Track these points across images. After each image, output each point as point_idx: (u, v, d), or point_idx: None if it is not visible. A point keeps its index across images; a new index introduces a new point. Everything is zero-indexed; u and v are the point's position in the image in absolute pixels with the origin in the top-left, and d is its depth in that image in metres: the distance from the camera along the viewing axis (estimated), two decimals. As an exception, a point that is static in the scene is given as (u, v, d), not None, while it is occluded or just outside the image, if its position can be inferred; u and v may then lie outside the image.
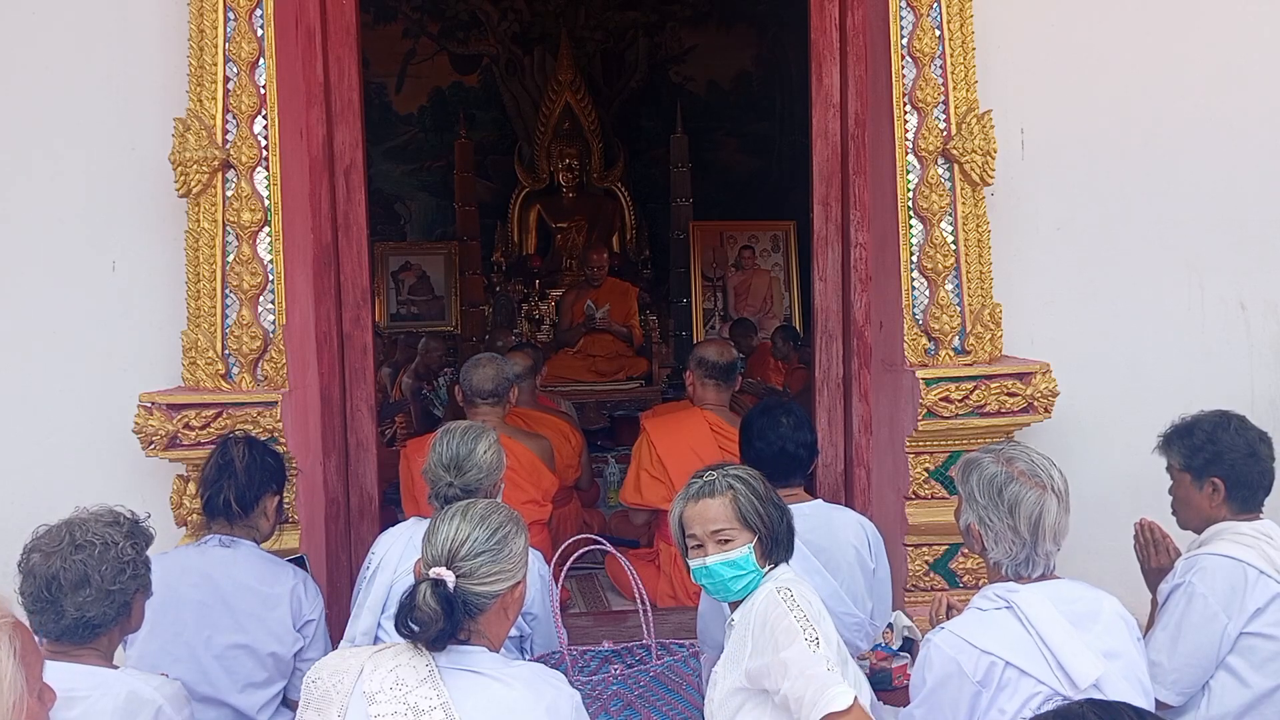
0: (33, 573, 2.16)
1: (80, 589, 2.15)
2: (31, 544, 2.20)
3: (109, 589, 2.17)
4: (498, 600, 2.11)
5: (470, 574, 2.08)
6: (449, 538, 2.12)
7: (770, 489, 2.52)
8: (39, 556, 2.17)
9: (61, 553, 2.16)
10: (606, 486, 5.40)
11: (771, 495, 2.51)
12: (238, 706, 2.78)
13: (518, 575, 2.17)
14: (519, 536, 2.19)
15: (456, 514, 2.18)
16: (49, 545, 2.17)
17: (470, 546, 2.10)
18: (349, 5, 3.62)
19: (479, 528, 2.13)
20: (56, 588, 2.14)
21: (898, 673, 3.05)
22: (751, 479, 2.49)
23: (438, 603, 2.02)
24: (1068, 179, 3.80)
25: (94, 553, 2.17)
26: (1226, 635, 2.59)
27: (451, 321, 8.92)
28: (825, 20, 3.74)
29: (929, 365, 3.43)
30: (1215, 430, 2.77)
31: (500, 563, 2.12)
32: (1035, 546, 2.25)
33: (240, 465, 2.91)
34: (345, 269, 3.66)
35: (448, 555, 2.10)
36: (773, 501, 2.49)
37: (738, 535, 2.42)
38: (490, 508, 2.21)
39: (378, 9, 9.12)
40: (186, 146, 3.23)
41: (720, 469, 2.51)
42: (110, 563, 2.18)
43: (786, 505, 2.55)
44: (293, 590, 2.89)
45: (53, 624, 2.16)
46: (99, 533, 2.20)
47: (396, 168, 9.78)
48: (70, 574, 2.15)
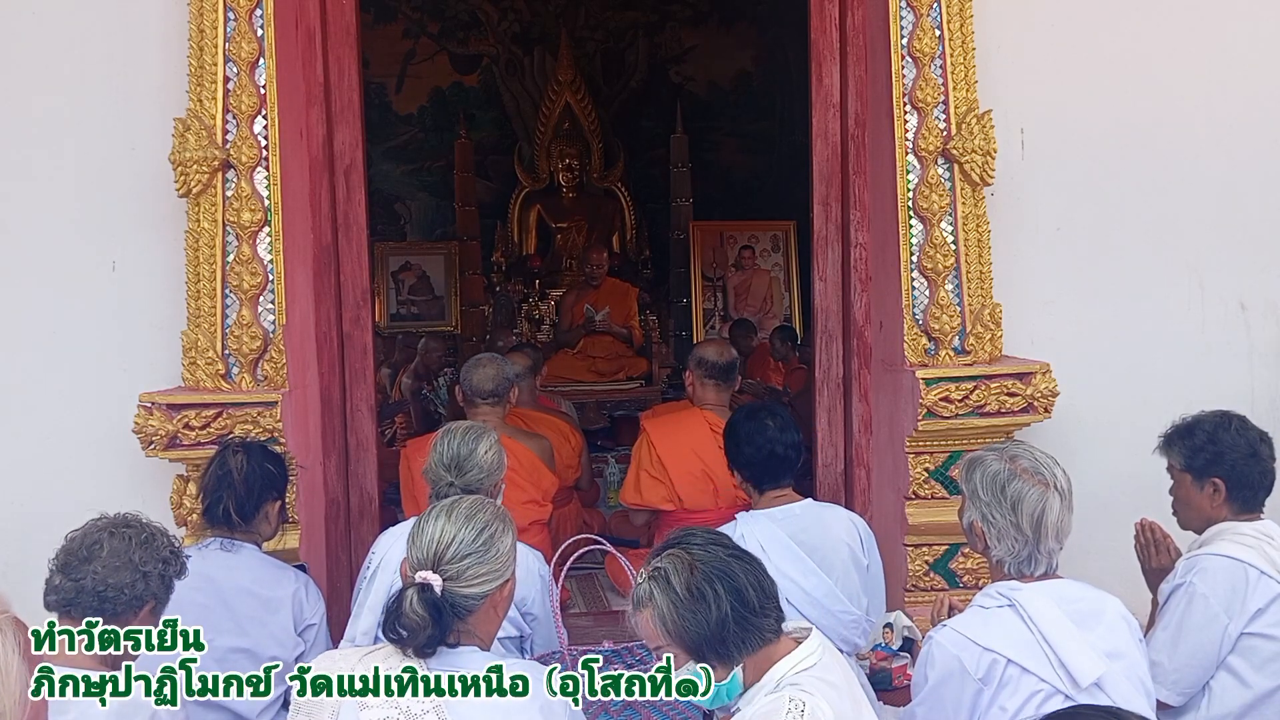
0: (77, 537, 2.24)
1: (114, 556, 2.20)
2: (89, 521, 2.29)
3: (139, 566, 2.22)
4: (487, 600, 2.07)
5: (458, 576, 2.03)
6: (434, 539, 2.05)
7: (707, 564, 1.95)
8: (79, 533, 2.25)
9: (112, 525, 2.26)
10: (606, 486, 5.39)
11: (700, 584, 1.91)
12: (238, 710, 2.78)
13: (506, 573, 2.11)
14: (506, 534, 2.13)
15: (441, 513, 2.10)
16: (101, 521, 2.27)
17: (457, 548, 2.04)
18: (349, 5, 3.62)
19: (465, 527, 2.07)
20: (96, 548, 2.21)
21: (898, 673, 3.06)
22: (674, 572, 1.93)
23: (425, 609, 1.97)
24: (1068, 179, 3.80)
25: (140, 535, 2.26)
26: (1227, 635, 2.59)
27: (451, 321, 8.92)
28: (825, 20, 3.74)
29: (929, 365, 3.43)
30: (1216, 431, 2.77)
31: (488, 562, 2.06)
32: (1038, 544, 2.25)
33: (239, 477, 2.91)
34: (345, 269, 3.66)
35: (434, 557, 2.03)
36: (702, 595, 1.91)
37: (675, 651, 1.96)
38: (476, 505, 2.14)
39: (378, 9, 9.12)
40: (186, 146, 3.23)
41: (646, 565, 2.00)
42: (151, 550, 2.26)
43: (737, 582, 1.93)
44: (294, 594, 2.89)
45: (72, 591, 2.19)
46: (151, 528, 2.31)
47: (396, 168, 9.78)
48: (114, 541, 2.22)
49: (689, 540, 2.00)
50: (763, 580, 1.97)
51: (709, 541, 2.01)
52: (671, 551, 1.98)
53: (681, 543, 2.00)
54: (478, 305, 8.73)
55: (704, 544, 1.99)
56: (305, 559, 3.30)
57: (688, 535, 2.03)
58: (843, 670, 2.04)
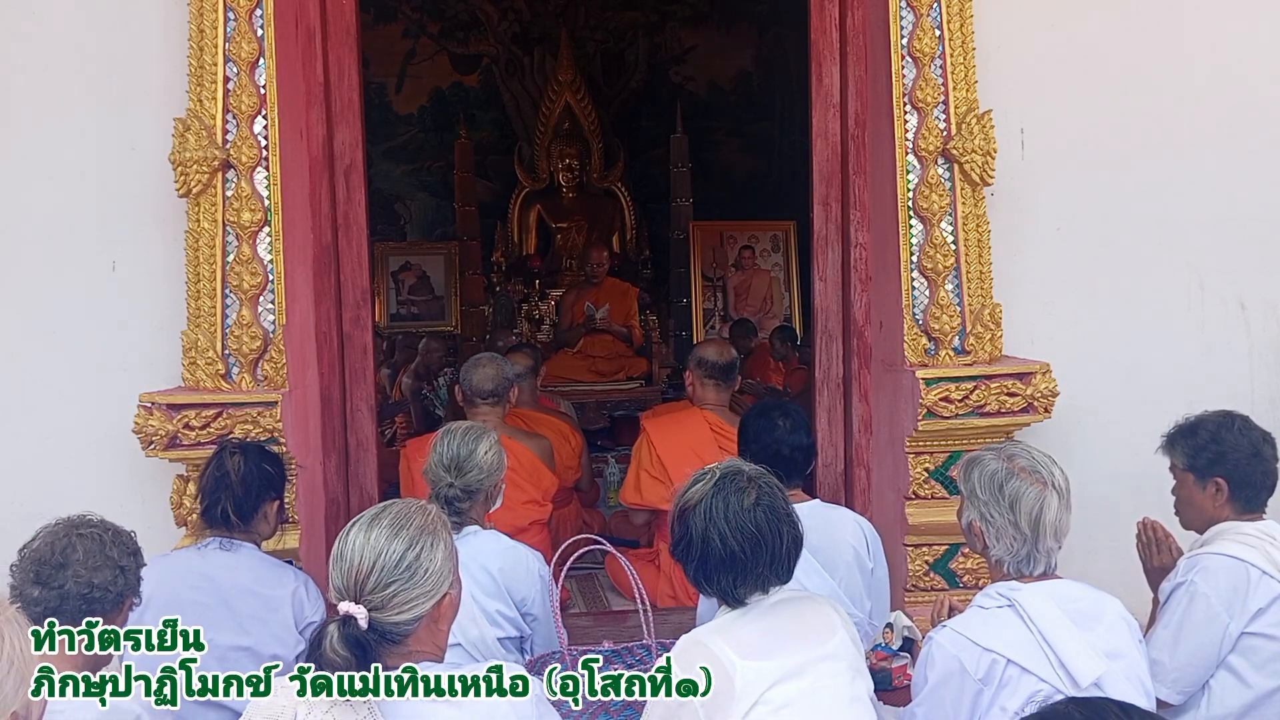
0: (36, 557, 2.22)
1: (87, 558, 2.20)
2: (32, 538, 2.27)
3: (113, 560, 2.23)
4: (423, 620, 1.86)
5: (383, 605, 1.81)
6: (353, 564, 1.82)
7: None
8: (43, 541, 2.24)
9: (66, 532, 2.24)
10: (606, 486, 5.40)
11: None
12: (238, 710, 2.77)
13: (442, 588, 1.88)
14: (437, 546, 1.88)
15: (361, 529, 1.87)
16: (51, 532, 2.26)
17: (379, 576, 1.81)
18: (349, 5, 3.62)
19: (387, 548, 1.83)
20: (63, 560, 2.19)
21: (898, 673, 3.05)
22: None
23: (346, 648, 1.74)
24: (1068, 179, 3.80)
25: (106, 533, 2.26)
26: (1228, 635, 2.59)
27: (451, 321, 8.92)
28: (825, 20, 3.74)
29: (929, 365, 3.43)
30: (1219, 430, 2.76)
31: (418, 585, 1.83)
32: (1036, 543, 2.25)
33: (236, 478, 2.91)
34: (345, 269, 3.66)
35: (356, 586, 1.81)
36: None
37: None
38: (402, 516, 1.89)
39: (378, 9, 9.13)
40: (186, 146, 3.23)
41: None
42: (119, 544, 2.26)
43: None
44: (294, 593, 2.89)
45: (55, 599, 2.18)
46: (107, 524, 2.30)
47: (396, 168, 9.79)
48: (81, 544, 2.22)
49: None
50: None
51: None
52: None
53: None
54: (478, 305, 8.73)
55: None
56: (305, 559, 3.30)
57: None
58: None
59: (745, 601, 2.16)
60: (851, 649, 2.18)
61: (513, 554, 2.93)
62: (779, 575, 2.17)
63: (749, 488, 2.17)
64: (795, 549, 2.18)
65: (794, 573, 2.21)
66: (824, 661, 2.11)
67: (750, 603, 2.16)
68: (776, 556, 2.14)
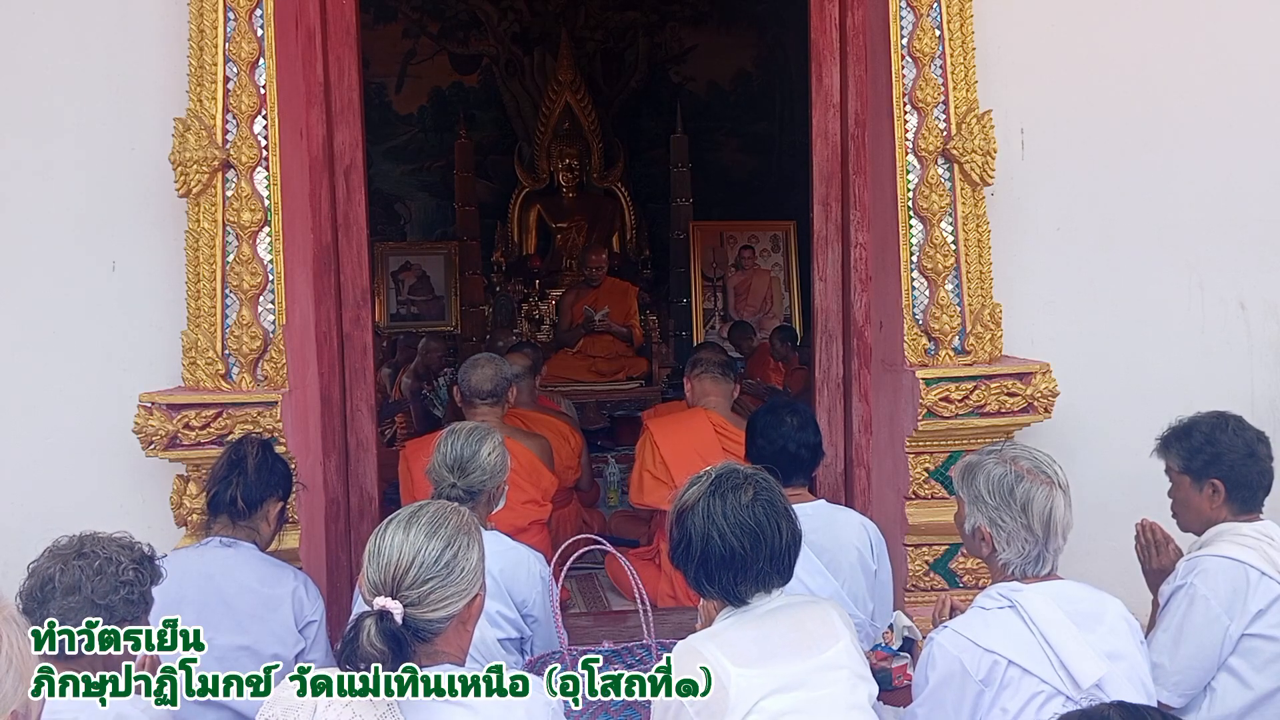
0: (36, 571, 2.19)
1: (69, 595, 2.15)
2: (48, 547, 2.23)
3: (97, 602, 2.17)
4: (454, 620, 1.90)
5: (419, 601, 1.85)
6: (391, 560, 1.87)
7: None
8: (46, 557, 2.21)
9: (65, 557, 2.19)
10: (606, 486, 5.40)
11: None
12: (238, 709, 2.77)
13: (474, 589, 1.93)
14: (472, 548, 1.94)
15: (399, 527, 1.92)
16: (58, 549, 2.21)
17: (418, 572, 1.86)
18: (349, 5, 3.62)
19: (426, 546, 1.88)
20: (50, 590, 2.16)
21: (898, 673, 3.05)
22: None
23: (384, 642, 1.78)
24: (1068, 179, 3.80)
25: (94, 564, 2.19)
26: (1228, 637, 2.59)
27: (451, 321, 8.92)
28: (825, 20, 3.74)
29: (929, 365, 3.43)
30: (1213, 431, 2.76)
31: (453, 584, 1.88)
32: (1047, 543, 2.25)
33: (252, 464, 2.91)
34: (345, 269, 3.66)
35: (392, 582, 1.85)
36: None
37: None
38: (438, 517, 1.95)
39: (378, 9, 9.12)
40: (186, 146, 3.23)
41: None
42: (107, 578, 2.19)
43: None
44: (294, 592, 2.89)
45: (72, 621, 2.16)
46: (107, 549, 2.22)
47: (396, 168, 9.79)
48: (65, 578, 2.16)
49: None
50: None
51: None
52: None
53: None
54: (478, 305, 8.73)
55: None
56: (305, 559, 3.30)
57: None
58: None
59: (748, 601, 2.15)
60: (854, 655, 2.17)
61: (514, 555, 2.93)
62: (780, 572, 2.16)
63: (745, 485, 2.17)
64: (795, 544, 2.18)
65: (795, 571, 2.20)
66: (824, 671, 2.10)
67: (752, 602, 2.16)
68: (776, 552, 2.14)
